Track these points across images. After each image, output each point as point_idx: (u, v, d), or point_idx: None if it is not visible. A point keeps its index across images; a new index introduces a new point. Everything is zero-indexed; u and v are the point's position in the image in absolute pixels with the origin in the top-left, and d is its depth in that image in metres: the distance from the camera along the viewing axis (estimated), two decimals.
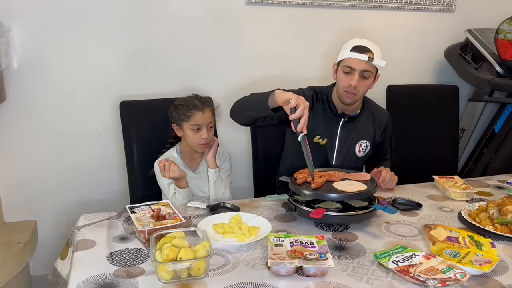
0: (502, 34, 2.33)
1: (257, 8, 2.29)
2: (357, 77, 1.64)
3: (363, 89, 1.69)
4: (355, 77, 1.64)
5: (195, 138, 1.71)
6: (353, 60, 1.64)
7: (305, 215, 1.40)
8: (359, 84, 1.65)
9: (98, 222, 1.41)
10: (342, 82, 1.68)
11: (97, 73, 2.13)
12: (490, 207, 1.46)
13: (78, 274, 1.11)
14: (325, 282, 1.09)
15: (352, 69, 1.65)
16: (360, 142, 1.81)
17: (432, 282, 1.05)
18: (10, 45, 1.97)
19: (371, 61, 1.63)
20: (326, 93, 1.80)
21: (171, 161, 1.64)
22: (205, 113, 1.72)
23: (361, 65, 1.64)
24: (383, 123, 1.87)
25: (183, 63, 2.24)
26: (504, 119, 2.52)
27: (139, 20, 2.13)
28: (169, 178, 1.66)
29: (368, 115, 1.84)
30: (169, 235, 1.17)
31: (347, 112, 1.77)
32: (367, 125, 1.83)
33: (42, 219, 2.17)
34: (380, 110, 1.91)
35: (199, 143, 1.71)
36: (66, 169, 2.17)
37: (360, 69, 1.64)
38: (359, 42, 1.67)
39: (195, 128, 1.70)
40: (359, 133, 1.81)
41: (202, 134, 1.70)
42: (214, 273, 1.12)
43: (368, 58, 1.62)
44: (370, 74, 1.67)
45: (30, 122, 2.09)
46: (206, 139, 1.71)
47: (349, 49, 1.65)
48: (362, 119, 1.82)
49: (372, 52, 1.64)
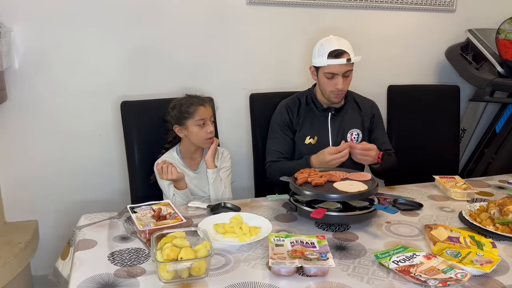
0: (503, 34, 2.33)
1: (258, 8, 2.29)
2: (341, 80, 1.75)
3: (347, 86, 1.82)
4: (340, 81, 1.76)
5: (201, 134, 1.71)
6: (333, 66, 1.74)
7: (306, 215, 1.41)
8: (344, 85, 1.77)
9: (99, 222, 1.41)
10: (328, 87, 1.79)
11: (98, 73, 2.13)
12: (491, 207, 1.46)
13: (79, 274, 1.12)
14: (325, 282, 1.09)
15: (334, 74, 1.75)
16: (351, 131, 1.89)
17: (433, 282, 1.05)
18: (11, 46, 1.98)
19: (349, 61, 1.73)
20: (309, 94, 1.92)
21: (169, 163, 1.64)
22: (207, 107, 1.74)
23: (342, 68, 1.75)
24: (369, 110, 1.94)
25: (184, 63, 2.24)
26: (505, 119, 2.52)
27: (140, 20, 2.14)
28: (167, 180, 1.67)
29: (353, 105, 1.93)
30: (170, 235, 1.18)
31: (332, 105, 1.88)
32: (354, 114, 1.91)
33: (43, 219, 2.18)
34: (364, 99, 1.99)
35: (205, 138, 1.72)
36: (67, 169, 2.18)
37: (342, 72, 1.75)
38: (331, 46, 1.74)
39: (200, 123, 1.71)
40: (348, 123, 1.89)
41: (208, 128, 1.72)
42: (215, 273, 1.12)
43: (347, 60, 1.72)
44: (351, 72, 1.79)
45: (31, 122, 2.09)
46: (212, 133, 1.73)
47: (326, 56, 1.74)
48: (348, 110, 1.91)
49: (347, 52, 1.73)
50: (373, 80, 2.53)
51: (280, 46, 2.36)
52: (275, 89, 2.20)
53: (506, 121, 2.50)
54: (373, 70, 2.56)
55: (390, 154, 1.94)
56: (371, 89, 2.41)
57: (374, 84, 2.48)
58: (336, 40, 1.76)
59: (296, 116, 1.89)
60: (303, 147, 1.87)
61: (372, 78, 2.54)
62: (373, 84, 2.49)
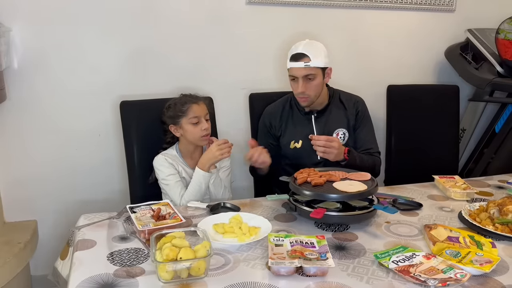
0: (503, 34, 2.33)
1: (258, 8, 2.29)
2: (301, 83, 1.74)
3: (313, 91, 1.77)
4: (300, 84, 1.75)
5: (196, 132, 1.71)
6: (293, 69, 1.76)
7: (305, 215, 1.40)
8: (306, 88, 1.75)
9: (98, 222, 1.41)
10: (294, 90, 1.81)
11: (97, 73, 2.13)
12: (491, 207, 1.46)
13: (78, 274, 1.11)
14: (325, 282, 1.09)
15: (295, 77, 1.76)
16: (337, 131, 1.87)
17: (432, 282, 1.05)
18: (10, 45, 1.97)
19: (308, 66, 1.72)
20: (292, 99, 1.92)
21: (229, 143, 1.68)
22: (200, 105, 1.74)
23: (300, 72, 1.74)
24: (354, 107, 1.91)
25: (183, 63, 2.24)
26: (504, 119, 2.52)
27: (139, 20, 2.14)
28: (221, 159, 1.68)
29: (338, 105, 1.91)
30: (169, 235, 1.18)
31: (315, 107, 1.87)
32: (338, 114, 1.89)
33: (42, 219, 2.17)
34: (350, 97, 1.95)
35: (200, 136, 1.72)
36: (67, 169, 2.17)
37: (301, 75, 1.74)
38: (295, 49, 1.76)
39: (194, 121, 1.71)
40: (333, 123, 1.88)
41: (202, 126, 1.72)
42: (214, 273, 1.12)
43: (304, 64, 1.72)
44: (314, 76, 1.75)
45: (31, 122, 2.09)
46: (207, 130, 1.72)
47: (289, 59, 1.76)
48: (332, 110, 1.89)
49: (308, 56, 1.72)
50: (372, 80, 2.53)
51: (280, 45, 2.36)
52: (275, 89, 2.20)
53: (505, 121, 2.50)
54: (373, 70, 2.56)
55: (373, 154, 1.88)
56: (370, 89, 2.41)
57: (374, 84, 2.49)
58: (305, 44, 1.76)
59: (278, 121, 1.89)
60: (288, 152, 1.88)
61: (371, 78, 2.54)
62: (372, 84, 2.49)
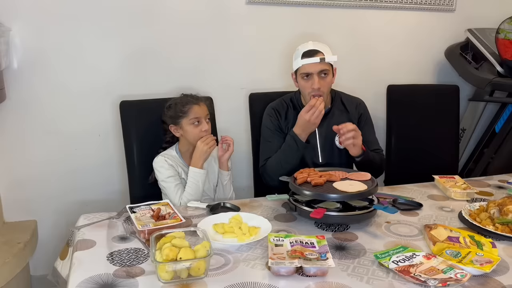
0: (503, 34, 2.33)
1: (258, 8, 2.29)
2: (317, 79, 1.74)
3: (326, 87, 1.78)
4: (315, 80, 1.74)
5: (196, 133, 1.71)
6: (307, 66, 1.75)
7: (305, 215, 1.40)
8: (321, 84, 1.75)
9: (98, 222, 1.41)
10: (306, 89, 1.79)
11: (97, 73, 2.13)
12: (491, 207, 1.46)
13: (78, 274, 1.11)
14: (325, 282, 1.09)
15: (309, 74, 1.76)
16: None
17: (432, 282, 1.05)
18: (10, 45, 1.97)
19: (323, 61, 1.73)
20: (295, 98, 1.91)
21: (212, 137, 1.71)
22: (201, 106, 1.74)
23: (316, 67, 1.74)
24: (356, 110, 1.92)
25: (183, 63, 2.24)
26: (504, 119, 2.52)
27: (139, 19, 2.13)
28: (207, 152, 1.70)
29: (340, 107, 1.91)
30: (169, 235, 1.17)
31: None
32: (341, 117, 1.88)
33: (42, 219, 2.17)
34: (352, 99, 1.96)
35: (200, 137, 1.72)
36: (66, 169, 2.17)
37: (317, 71, 1.74)
38: (306, 47, 1.77)
39: (195, 121, 1.71)
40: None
41: (203, 127, 1.72)
42: (214, 273, 1.12)
43: (320, 59, 1.72)
44: (328, 71, 1.77)
45: (30, 122, 2.09)
46: (207, 131, 1.73)
47: (300, 57, 1.76)
48: (335, 112, 1.89)
49: (321, 52, 1.74)
50: (372, 80, 2.53)
51: (280, 45, 2.36)
52: (275, 89, 2.19)
53: (505, 121, 2.50)
54: (373, 69, 2.56)
55: (379, 153, 1.91)
56: (370, 88, 2.41)
57: (374, 84, 2.49)
58: (313, 43, 1.77)
59: (284, 120, 1.88)
60: None
61: (371, 78, 2.54)
62: (372, 84, 2.49)
